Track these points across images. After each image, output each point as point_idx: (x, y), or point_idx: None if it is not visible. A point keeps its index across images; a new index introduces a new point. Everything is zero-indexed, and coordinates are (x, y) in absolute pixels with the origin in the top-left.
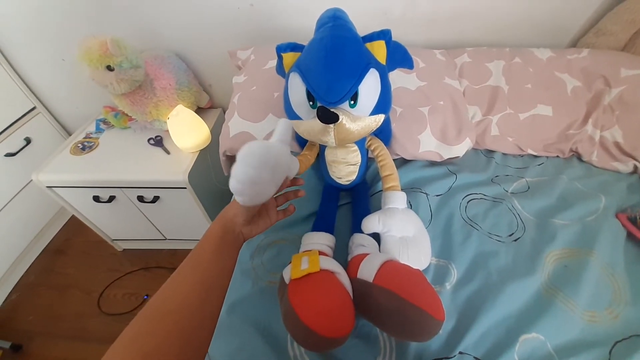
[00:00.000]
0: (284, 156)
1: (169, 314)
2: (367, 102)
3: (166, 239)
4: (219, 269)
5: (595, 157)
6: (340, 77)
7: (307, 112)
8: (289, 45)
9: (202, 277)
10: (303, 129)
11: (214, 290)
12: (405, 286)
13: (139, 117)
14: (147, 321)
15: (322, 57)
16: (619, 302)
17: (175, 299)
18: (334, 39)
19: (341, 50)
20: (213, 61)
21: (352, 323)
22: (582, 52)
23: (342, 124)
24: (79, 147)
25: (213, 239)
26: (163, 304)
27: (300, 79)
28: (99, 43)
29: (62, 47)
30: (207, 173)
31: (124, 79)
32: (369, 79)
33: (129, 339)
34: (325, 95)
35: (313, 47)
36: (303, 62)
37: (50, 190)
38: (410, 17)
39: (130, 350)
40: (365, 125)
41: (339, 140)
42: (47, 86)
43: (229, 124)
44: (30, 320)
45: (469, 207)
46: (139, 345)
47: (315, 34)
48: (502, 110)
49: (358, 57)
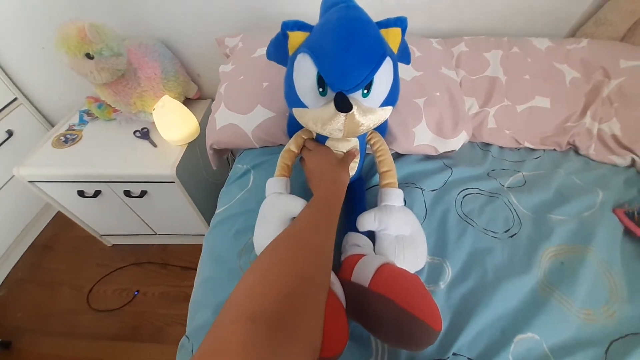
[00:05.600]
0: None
1: (310, 245)
2: (380, 92)
3: (156, 234)
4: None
5: (592, 150)
6: (358, 63)
7: (315, 99)
8: (297, 23)
9: (332, 223)
10: (308, 117)
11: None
12: (403, 293)
13: (123, 108)
14: (292, 249)
15: (340, 38)
16: (615, 299)
17: (312, 234)
18: (353, 20)
19: (360, 34)
20: (201, 49)
21: (345, 341)
22: (581, 42)
23: (353, 115)
24: (61, 140)
25: (337, 197)
26: (304, 236)
27: (312, 61)
28: (76, 29)
29: (42, 34)
30: (196, 166)
31: (105, 67)
32: (385, 68)
33: (285, 259)
34: (339, 81)
35: (328, 27)
36: (315, 42)
37: (33, 185)
38: (408, 3)
39: (289, 268)
40: (375, 118)
41: (347, 132)
42: (28, 76)
43: (215, 116)
44: (19, 317)
45: (464, 202)
46: (296, 267)
47: (326, 15)
48: (500, 102)
49: (377, 43)
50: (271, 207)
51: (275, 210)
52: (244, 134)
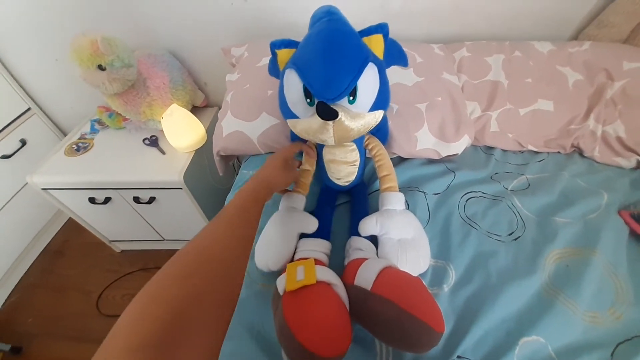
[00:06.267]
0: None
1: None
2: (366, 97)
3: (164, 240)
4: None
5: (597, 152)
6: (339, 72)
7: (305, 109)
8: (283, 42)
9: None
10: (300, 127)
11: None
12: (405, 296)
13: (133, 117)
14: (195, 264)
15: (320, 50)
16: (621, 302)
17: (222, 248)
18: (331, 32)
19: (339, 44)
20: (208, 59)
21: (348, 341)
22: (583, 44)
23: (341, 121)
24: (73, 148)
25: (260, 202)
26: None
27: (297, 75)
28: (89, 42)
29: (55, 47)
30: (203, 173)
31: (116, 78)
32: (368, 73)
33: (179, 277)
34: (323, 91)
35: (310, 42)
36: (299, 57)
37: (46, 193)
38: (410, 10)
39: (180, 288)
40: (365, 122)
41: (338, 138)
42: (42, 87)
43: (222, 123)
44: (29, 322)
45: (467, 205)
46: (188, 285)
47: (311, 29)
48: (502, 105)
49: (357, 51)
50: (285, 226)
51: (289, 230)
52: (249, 141)
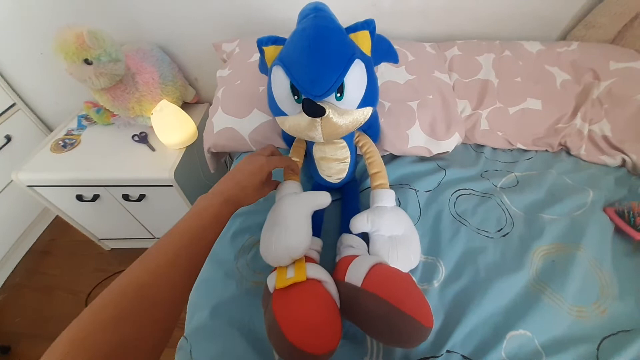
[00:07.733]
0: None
1: (159, 304)
2: (354, 94)
3: (155, 238)
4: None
5: (583, 150)
6: (326, 69)
7: (292, 107)
8: (270, 39)
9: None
10: (289, 125)
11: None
12: (394, 292)
13: (121, 113)
14: (132, 307)
15: (306, 47)
16: (606, 297)
17: (165, 286)
18: (317, 28)
19: (325, 41)
20: (199, 54)
21: (338, 338)
22: (571, 45)
23: (329, 118)
24: (60, 145)
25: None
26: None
27: (284, 72)
28: (74, 35)
29: (40, 40)
30: (194, 170)
31: (103, 73)
32: (355, 70)
33: (109, 320)
34: (310, 88)
35: (295, 39)
36: (286, 54)
37: (31, 190)
38: (401, 8)
39: (108, 334)
40: (353, 119)
41: (326, 135)
42: (27, 82)
43: (212, 120)
44: (17, 322)
45: (458, 202)
46: (121, 331)
47: (297, 26)
48: (492, 104)
49: (343, 47)
50: (293, 205)
51: (299, 207)
52: (241, 137)
